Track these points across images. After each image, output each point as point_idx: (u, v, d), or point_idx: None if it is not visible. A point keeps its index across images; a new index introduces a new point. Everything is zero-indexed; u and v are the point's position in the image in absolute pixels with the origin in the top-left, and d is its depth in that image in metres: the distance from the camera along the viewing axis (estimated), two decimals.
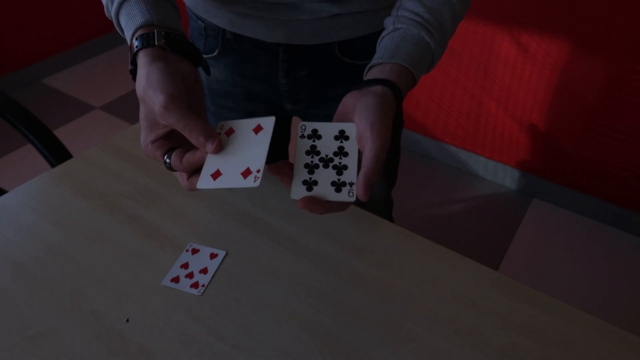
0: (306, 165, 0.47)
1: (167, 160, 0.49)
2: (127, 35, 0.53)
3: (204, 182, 0.47)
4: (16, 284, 0.60)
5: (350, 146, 0.48)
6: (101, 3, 0.59)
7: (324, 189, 0.46)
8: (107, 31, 2.85)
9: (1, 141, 2.15)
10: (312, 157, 0.48)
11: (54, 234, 0.67)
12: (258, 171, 0.45)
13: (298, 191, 0.46)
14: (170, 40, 0.51)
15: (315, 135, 0.49)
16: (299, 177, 0.47)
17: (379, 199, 0.95)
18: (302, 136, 0.49)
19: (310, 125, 0.50)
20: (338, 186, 0.46)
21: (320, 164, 0.48)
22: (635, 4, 1.38)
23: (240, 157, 0.47)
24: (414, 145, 2.09)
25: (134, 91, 2.53)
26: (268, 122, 0.49)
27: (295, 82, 0.76)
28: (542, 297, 0.59)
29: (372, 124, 0.46)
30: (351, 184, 0.46)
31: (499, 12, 1.61)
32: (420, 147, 2.09)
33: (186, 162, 0.48)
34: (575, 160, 1.74)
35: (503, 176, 1.94)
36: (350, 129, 0.49)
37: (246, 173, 0.46)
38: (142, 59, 0.49)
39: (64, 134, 2.20)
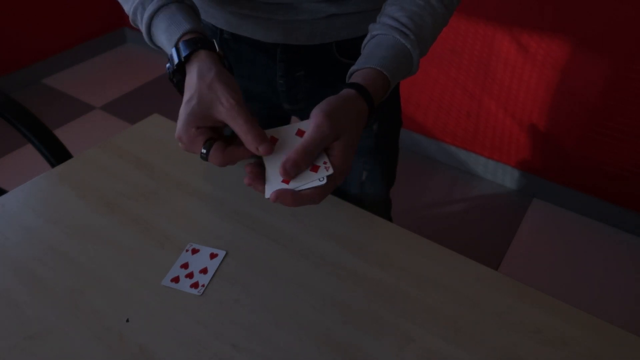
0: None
1: (204, 151, 0.50)
2: (171, 37, 0.54)
3: (276, 187, 0.49)
4: (16, 284, 0.60)
5: None
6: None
7: (296, 182, 0.49)
8: (107, 31, 2.85)
9: (1, 141, 2.14)
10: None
11: (54, 234, 0.67)
12: (325, 162, 0.49)
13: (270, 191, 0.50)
14: (222, 51, 0.54)
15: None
16: (272, 183, 0.50)
17: (378, 199, 0.95)
18: None
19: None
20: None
21: None
22: (635, 4, 1.38)
23: None
24: (414, 145, 2.09)
25: (134, 91, 2.54)
26: (308, 125, 0.51)
27: (294, 82, 0.76)
28: (542, 297, 0.59)
29: (315, 117, 0.49)
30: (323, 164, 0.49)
31: (499, 12, 1.61)
32: (420, 147, 2.09)
33: (228, 154, 0.50)
34: (575, 160, 1.74)
35: (503, 176, 1.94)
36: (306, 125, 0.51)
37: (315, 168, 0.49)
38: (207, 57, 0.52)
39: (64, 134, 2.20)
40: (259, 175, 0.51)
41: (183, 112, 0.51)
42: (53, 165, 0.92)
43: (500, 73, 1.72)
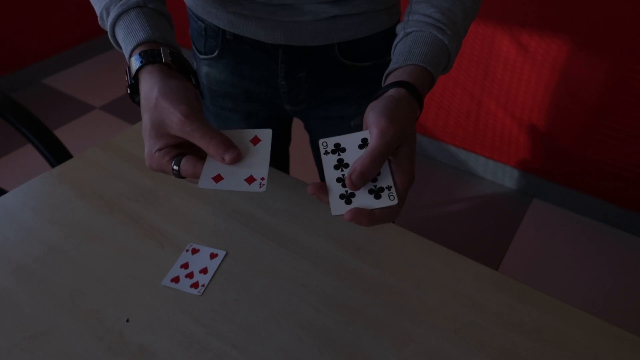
0: (338, 180, 0.47)
1: (176, 168, 0.48)
2: (126, 48, 0.53)
3: (206, 182, 0.47)
4: (16, 284, 0.60)
5: None
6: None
7: (363, 199, 0.46)
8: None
9: (1, 141, 2.15)
10: (342, 170, 0.48)
11: (54, 234, 0.67)
12: (262, 179, 0.47)
13: (337, 206, 0.46)
14: (174, 59, 0.52)
15: (339, 149, 0.49)
16: (335, 192, 0.47)
17: None
18: (326, 152, 0.49)
19: (332, 141, 0.49)
20: (376, 193, 0.46)
21: None
22: (635, 4, 1.38)
23: (242, 166, 0.48)
24: None
25: None
26: (265, 135, 0.49)
27: (295, 83, 0.76)
28: (542, 297, 0.59)
29: (377, 122, 0.46)
30: (389, 188, 0.46)
31: (499, 12, 1.61)
32: (420, 147, 2.09)
33: (200, 165, 0.48)
34: (575, 160, 1.74)
35: (503, 176, 1.94)
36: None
37: (250, 180, 0.47)
38: (149, 74, 0.49)
39: (64, 134, 2.20)
40: (323, 186, 0.48)
41: (144, 139, 0.49)
42: (53, 165, 0.92)
43: (500, 73, 1.72)
